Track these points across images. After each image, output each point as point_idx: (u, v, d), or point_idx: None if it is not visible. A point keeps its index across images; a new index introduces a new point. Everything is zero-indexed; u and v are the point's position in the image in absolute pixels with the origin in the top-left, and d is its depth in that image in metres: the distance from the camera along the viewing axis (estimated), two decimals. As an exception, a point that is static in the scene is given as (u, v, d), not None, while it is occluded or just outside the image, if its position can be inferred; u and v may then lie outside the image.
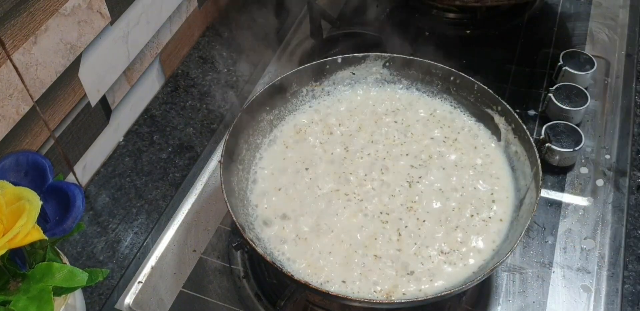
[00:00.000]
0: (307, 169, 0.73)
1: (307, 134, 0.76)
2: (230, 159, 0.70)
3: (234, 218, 0.63)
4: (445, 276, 0.65)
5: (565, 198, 0.82)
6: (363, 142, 0.76)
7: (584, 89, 0.89)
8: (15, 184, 0.56)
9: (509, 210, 0.69)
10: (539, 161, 0.67)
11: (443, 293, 0.60)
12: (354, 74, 0.79)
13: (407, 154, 0.74)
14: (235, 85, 0.96)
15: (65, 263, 0.62)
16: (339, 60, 0.77)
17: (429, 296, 0.61)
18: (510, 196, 0.71)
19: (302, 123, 0.78)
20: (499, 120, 0.74)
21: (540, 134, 0.85)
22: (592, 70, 0.92)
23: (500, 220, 0.69)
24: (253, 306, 0.73)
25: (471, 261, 0.66)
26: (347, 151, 0.75)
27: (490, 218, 0.69)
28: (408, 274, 0.65)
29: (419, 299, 0.61)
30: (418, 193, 0.71)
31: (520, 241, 0.61)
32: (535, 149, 0.68)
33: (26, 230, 0.52)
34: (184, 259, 0.77)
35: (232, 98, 0.94)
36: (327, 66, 0.78)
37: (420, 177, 0.72)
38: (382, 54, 0.78)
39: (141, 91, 0.89)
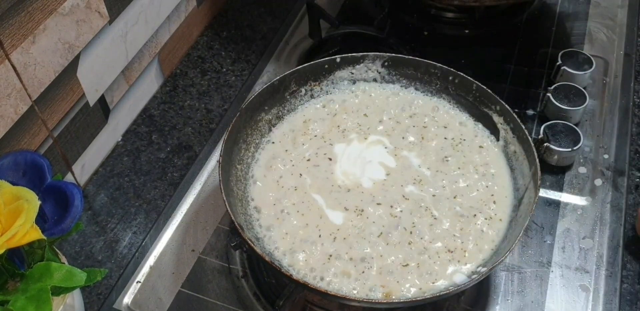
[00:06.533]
0: (307, 168, 0.73)
1: (306, 134, 0.76)
2: (228, 158, 0.70)
3: (233, 218, 0.63)
4: (445, 275, 0.65)
5: (564, 197, 0.82)
6: (362, 141, 0.76)
7: (582, 89, 0.89)
8: (13, 183, 0.56)
9: (508, 210, 0.70)
10: (537, 160, 0.67)
11: (442, 293, 0.60)
12: (352, 73, 0.79)
13: (406, 154, 0.74)
14: (234, 85, 0.96)
15: (64, 263, 0.62)
16: (338, 60, 0.77)
17: (428, 296, 0.61)
18: (508, 196, 0.71)
19: (301, 123, 0.77)
20: (498, 120, 0.74)
21: (539, 134, 0.85)
22: (591, 70, 0.92)
23: (500, 220, 0.69)
24: (252, 306, 0.73)
25: (471, 260, 0.66)
26: (346, 150, 0.75)
27: (491, 218, 0.69)
28: (408, 273, 0.65)
29: (418, 299, 0.61)
30: (417, 193, 0.71)
31: (518, 241, 0.61)
32: (534, 149, 0.68)
33: (24, 230, 0.52)
34: (182, 259, 0.77)
35: (230, 98, 0.94)
36: (326, 66, 0.78)
37: (419, 176, 0.72)
38: (381, 53, 0.78)
39: (140, 91, 0.89)
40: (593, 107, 0.92)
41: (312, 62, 0.77)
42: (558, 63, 0.93)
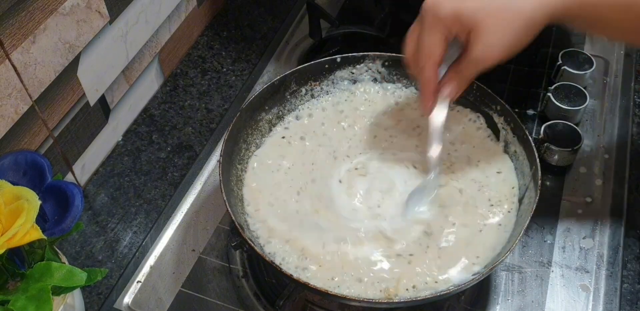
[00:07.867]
0: (307, 169, 0.73)
1: (306, 133, 0.76)
2: (229, 158, 0.70)
3: (233, 218, 0.63)
4: (446, 274, 0.65)
5: (564, 197, 0.82)
6: (363, 141, 0.76)
7: (583, 89, 0.89)
8: (14, 183, 0.56)
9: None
10: (537, 160, 0.67)
11: (442, 293, 0.60)
12: (353, 73, 0.79)
13: (406, 154, 0.74)
14: (234, 84, 0.96)
15: (64, 263, 0.62)
16: (338, 59, 0.77)
17: (428, 296, 0.61)
18: (508, 195, 0.70)
19: (301, 123, 0.77)
20: (498, 119, 0.74)
21: (539, 134, 0.85)
22: (591, 69, 0.92)
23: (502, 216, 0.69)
24: (252, 306, 0.73)
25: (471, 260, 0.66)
26: (347, 150, 0.75)
27: (491, 217, 0.69)
28: (409, 272, 0.65)
29: (418, 298, 0.61)
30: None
31: (519, 241, 0.61)
32: (534, 149, 0.68)
33: (25, 230, 0.52)
34: (183, 258, 0.77)
35: (231, 97, 0.94)
36: (326, 66, 0.78)
37: (419, 177, 0.72)
38: (381, 53, 0.78)
39: (140, 91, 0.89)
40: (593, 107, 0.92)
41: (312, 62, 0.77)
42: (558, 63, 0.93)
